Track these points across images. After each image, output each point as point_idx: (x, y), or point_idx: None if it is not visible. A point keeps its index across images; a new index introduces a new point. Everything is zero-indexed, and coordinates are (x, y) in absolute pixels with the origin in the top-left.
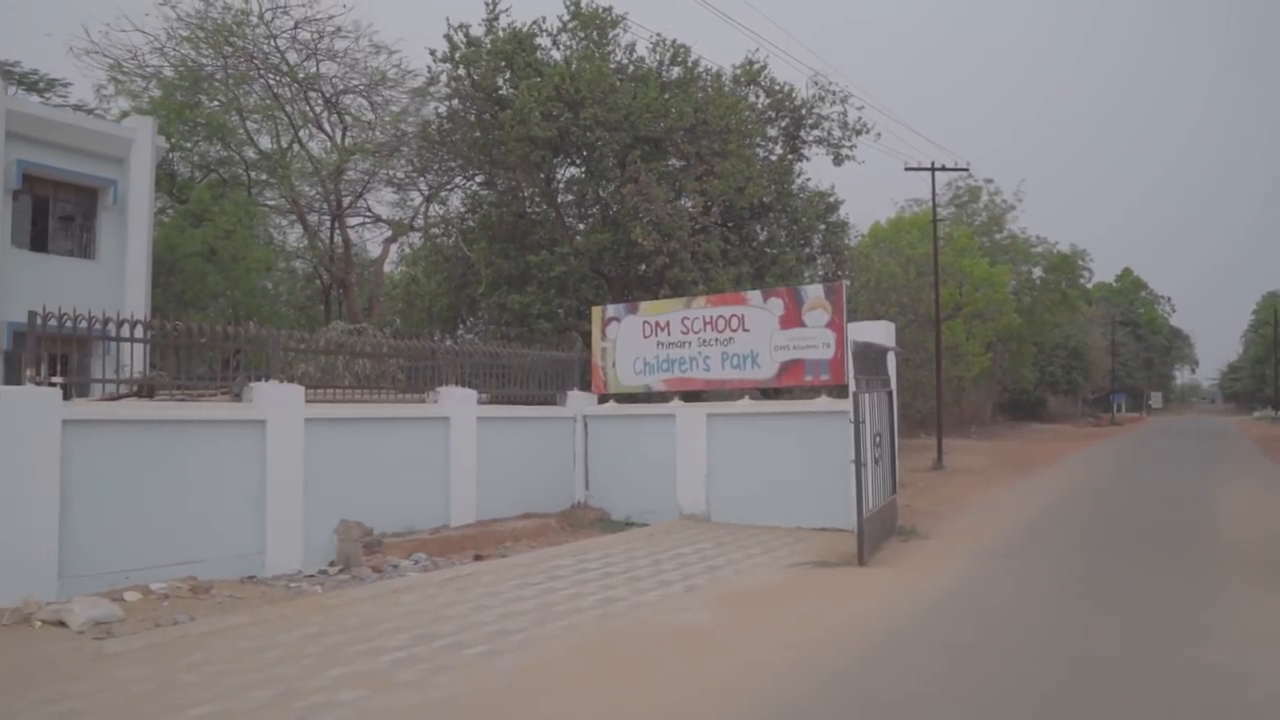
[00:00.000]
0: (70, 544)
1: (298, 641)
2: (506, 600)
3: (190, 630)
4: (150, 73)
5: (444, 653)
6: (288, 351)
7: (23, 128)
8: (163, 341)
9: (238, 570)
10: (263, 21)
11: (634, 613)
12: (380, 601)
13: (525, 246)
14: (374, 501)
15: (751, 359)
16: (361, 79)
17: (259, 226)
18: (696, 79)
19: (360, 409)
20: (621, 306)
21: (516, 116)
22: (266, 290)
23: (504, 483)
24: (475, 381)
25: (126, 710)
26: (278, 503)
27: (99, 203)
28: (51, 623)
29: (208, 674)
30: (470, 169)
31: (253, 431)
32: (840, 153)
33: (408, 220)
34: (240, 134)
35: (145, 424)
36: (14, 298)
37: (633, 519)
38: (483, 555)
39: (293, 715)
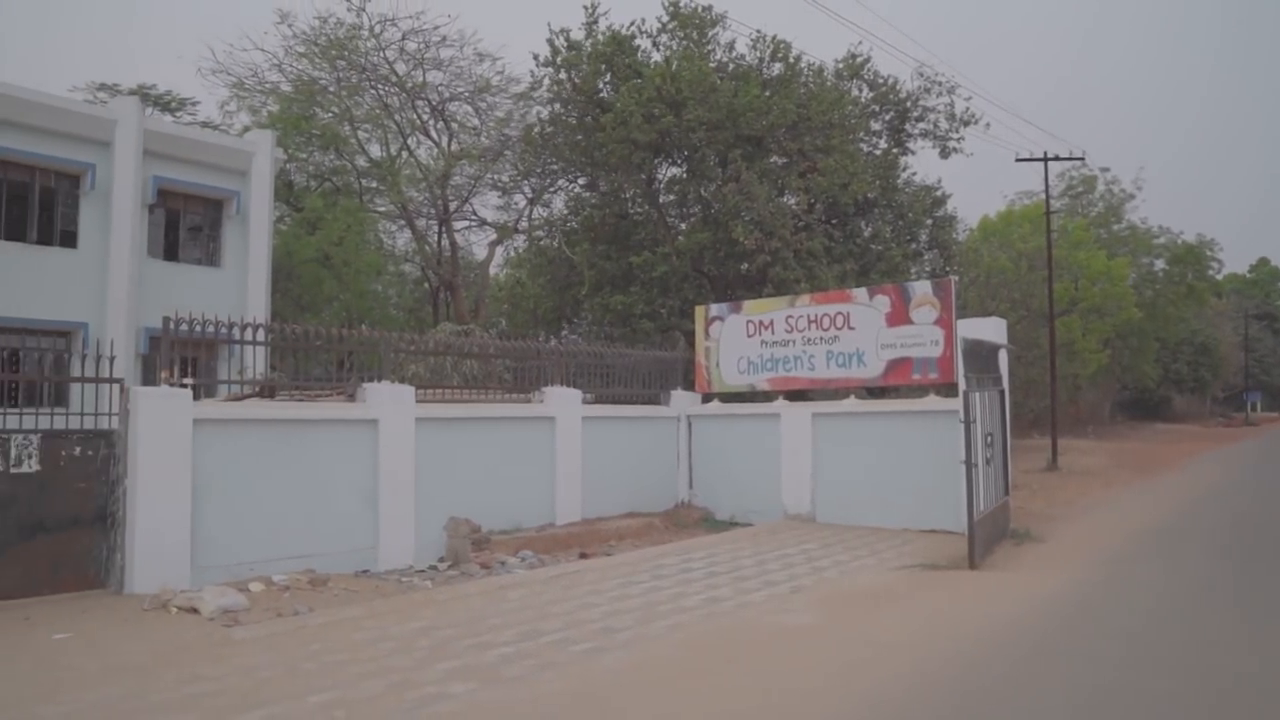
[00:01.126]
0: (200, 536)
1: (409, 634)
2: (611, 598)
3: (309, 621)
4: (269, 88)
5: (550, 649)
6: (398, 353)
7: (158, 146)
8: (282, 344)
9: (352, 564)
10: (372, 34)
11: (739, 613)
12: (488, 597)
13: (627, 247)
14: (482, 499)
15: (857, 357)
16: (466, 86)
17: (370, 232)
18: (798, 75)
19: (468, 409)
20: (725, 305)
21: (618, 119)
22: (377, 293)
23: (608, 482)
24: (580, 381)
25: (253, 694)
26: (390, 499)
27: (224, 213)
28: (185, 609)
29: (326, 663)
30: (572, 171)
31: (366, 431)
32: (947, 145)
33: (512, 223)
34: (352, 143)
35: (267, 423)
36: (149, 304)
37: (737, 519)
38: (588, 553)
39: (405, 706)
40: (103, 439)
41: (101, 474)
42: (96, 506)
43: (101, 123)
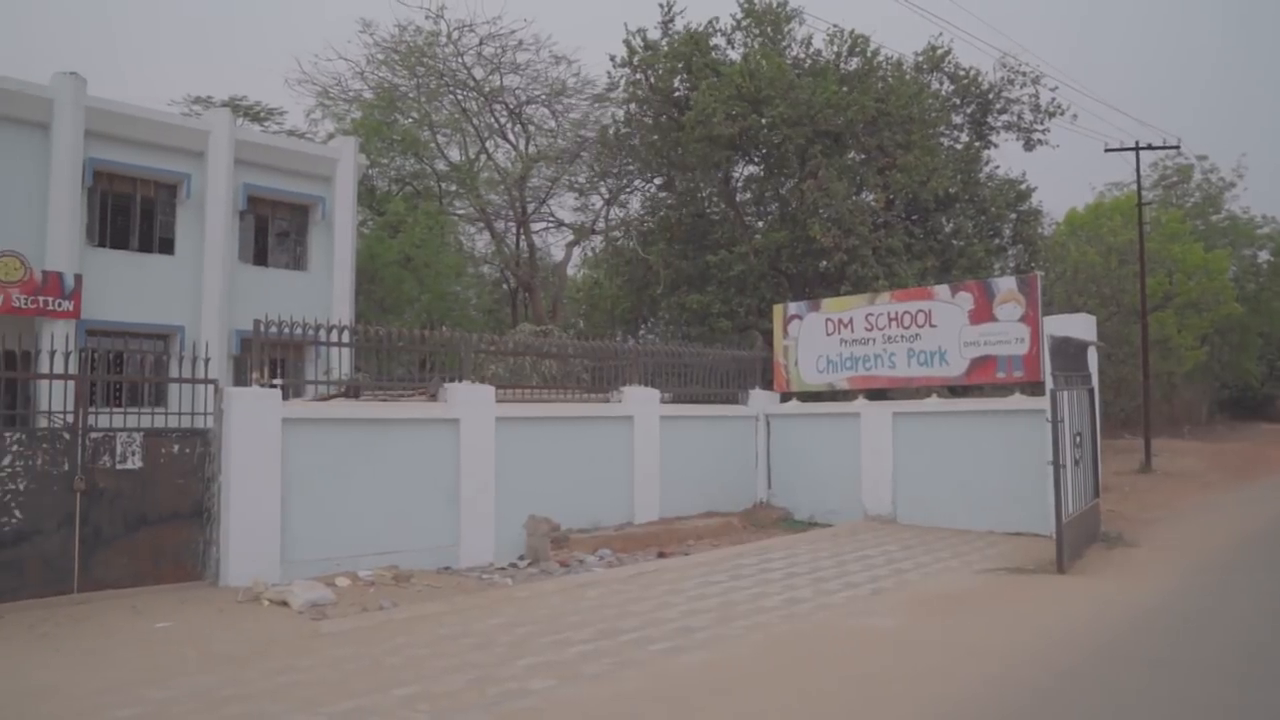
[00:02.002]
0: (289, 532)
1: (490, 630)
2: (690, 598)
3: (394, 616)
4: (352, 96)
5: (629, 647)
6: (479, 353)
7: (248, 155)
8: (366, 345)
9: (434, 561)
10: (451, 41)
11: (818, 614)
12: (567, 595)
13: (704, 246)
14: (560, 498)
15: (939, 356)
16: (543, 89)
17: (450, 235)
18: (876, 69)
19: (547, 408)
20: (803, 304)
21: (698, 117)
22: (457, 295)
23: (686, 481)
24: (657, 381)
25: (341, 686)
26: (471, 498)
27: (309, 218)
28: (276, 602)
29: (410, 657)
30: (649, 171)
31: (448, 430)
32: (1032, 137)
33: (589, 224)
34: (431, 147)
35: (352, 423)
36: (241, 308)
37: (816, 519)
38: (666, 552)
39: (486, 701)
40: (199, 437)
41: (198, 471)
42: (194, 502)
43: (196, 134)
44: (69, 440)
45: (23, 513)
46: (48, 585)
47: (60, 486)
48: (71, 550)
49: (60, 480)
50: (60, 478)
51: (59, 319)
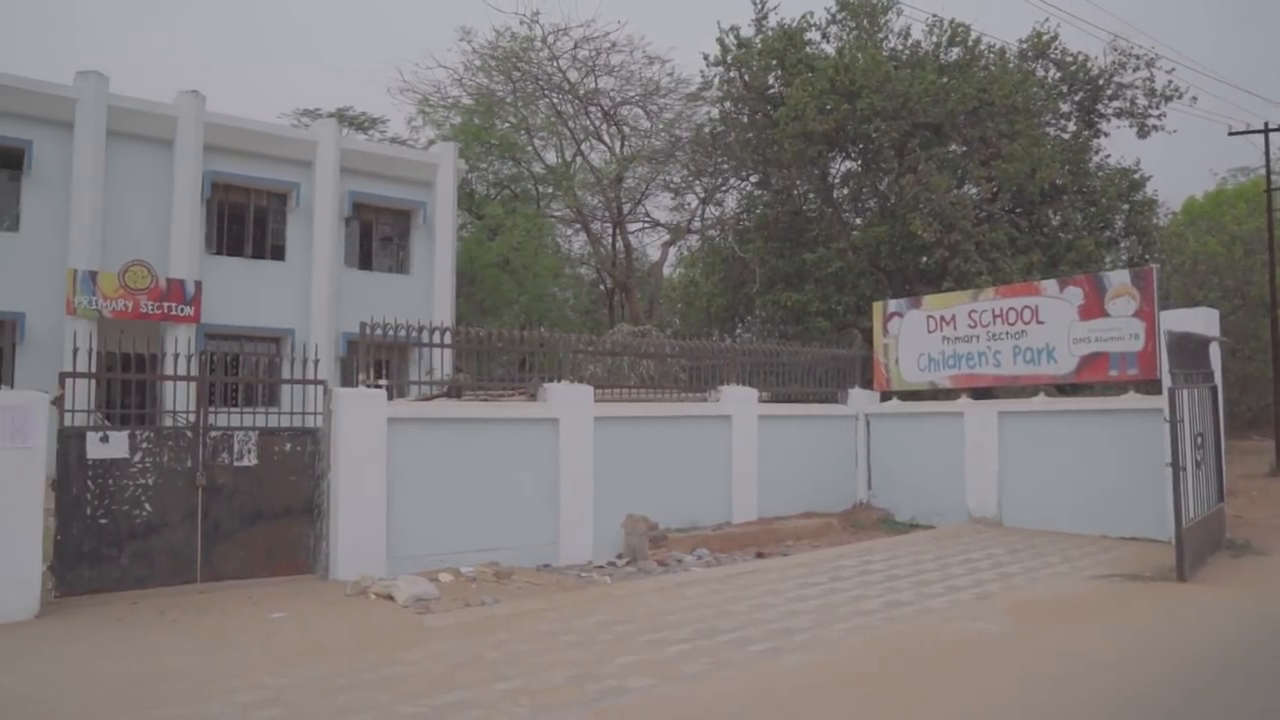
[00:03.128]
0: (394, 528)
1: (589, 628)
2: (789, 599)
3: (495, 611)
4: (451, 102)
5: (728, 648)
6: (577, 354)
7: (353, 163)
8: (466, 346)
9: (534, 559)
10: (546, 45)
11: (921, 618)
12: (665, 594)
13: (800, 244)
14: (658, 497)
15: (1047, 353)
16: (637, 90)
17: (547, 236)
18: (978, 58)
19: (645, 408)
20: (904, 301)
21: (791, 113)
22: (555, 296)
23: (784, 481)
24: (755, 380)
25: (445, 679)
26: (569, 496)
27: (411, 223)
28: (383, 596)
29: (511, 652)
30: (744, 169)
31: (547, 429)
32: (1146, 124)
33: (685, 223)
34: (528, 151)
35: (454, 422)
36: (347, 311)
37: (918, 521)
38: (764, 553)
39: (586, 697)
40: (309, 436)
41: (309, 468)
42: (305, 498)
43: (305, 145)
44: (191, 438)
45: (151, 506)
46: (174, 575)
47: (184, 482)
48: (194, 542)
49: (184, 476)
50: (184, 474)
51: (181, 323)
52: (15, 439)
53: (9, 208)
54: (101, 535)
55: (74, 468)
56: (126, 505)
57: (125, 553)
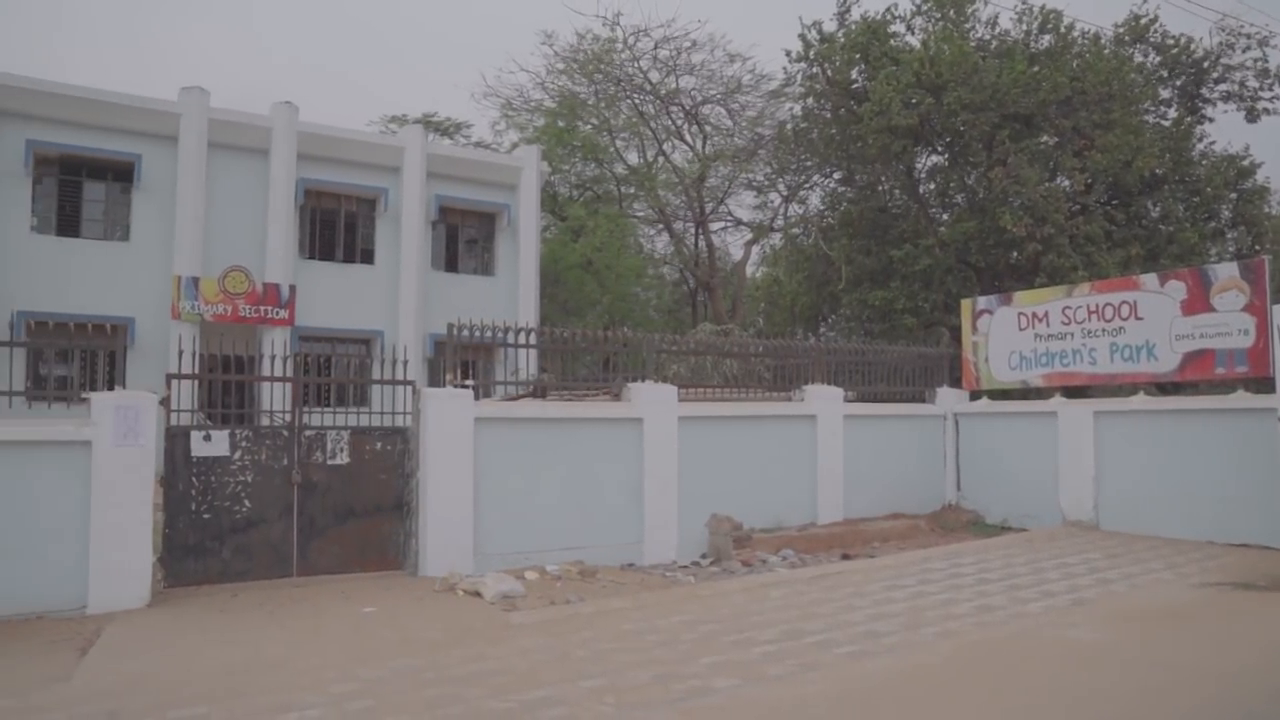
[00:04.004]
0: (481, 526)
1: (674, 627)
2: (876, 601)
3: (580, 610)
4: (534, 105)
5: (813, 650)
6: (660, 353)
7: (438, 168)
8: (551, 347)
9: (618, 558)
10: (627, 46)
11: (1013, 623)
12: (750, 595)
13: (886, 241)
14: (742, 497)
15: (1146, 350)
16: (718, 88)
17: (630, 237)
18: (1070, 46)
19: (729, 407)
20: (993, 298)
21: (875, 108)
22: (638, 296)
23: (871, 481)
24: (840, 379)
25: (531, 675)
26: (654, 496)
27: (496, 225)
28: (470, 593)
29: (596, 650)
30: (828, 166)
31: (631, 429)
32: (1256, 107)
33: (768, 222)
34: (610, 152)
35: (540, 422)
36: (433, 312)
37: (1009, 523)
38: (850, 554)
39: (671, 697)
40: (399, 435)
41: (399, 467)
42: (394, 496)
43: (393, 150)
44: (287, 437)
45: (251, 502)
46: (271, 569)
47: (280, 480)
48: (290, 538)
49: (280, 474)
50: (280, 471)
51: (276, 326)
52: (128, 437)
53: (120, 219)
54: (205, 530)
55: (180, 465)
56: (227, 501)
57: (227, 546)
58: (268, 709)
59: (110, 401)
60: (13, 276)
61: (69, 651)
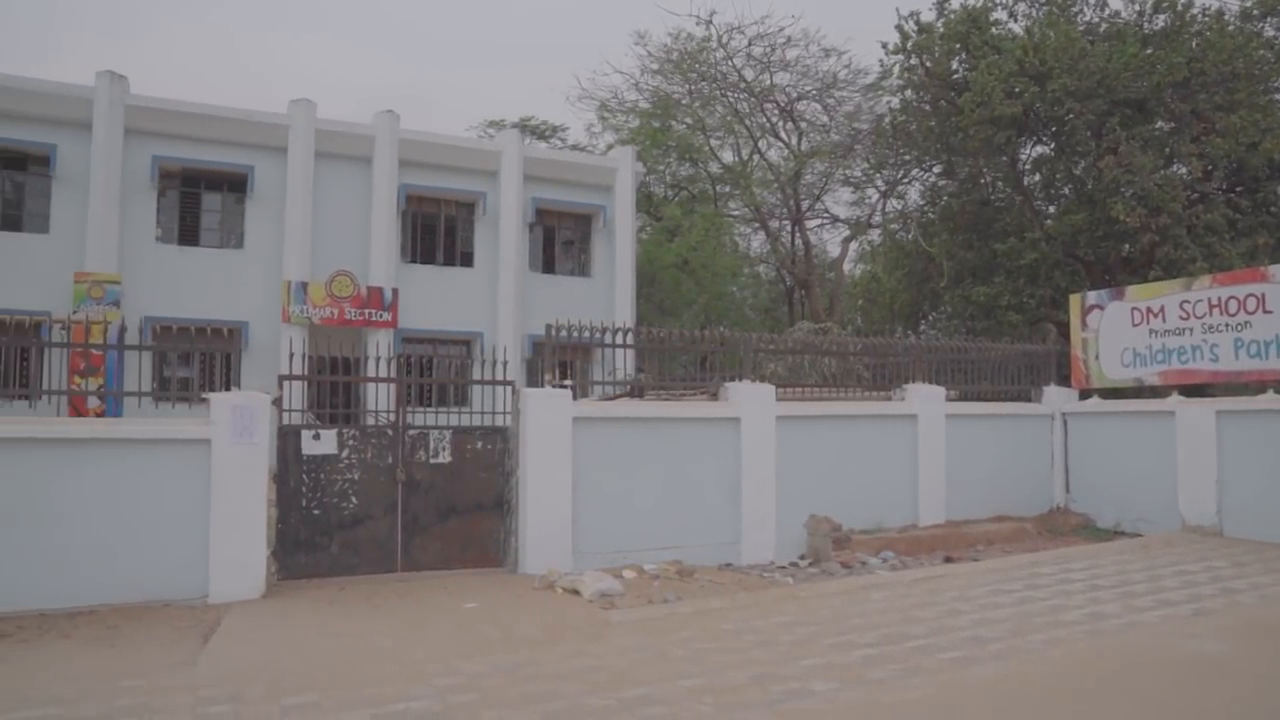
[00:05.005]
0: (579, 524)
1: (772, 629)
2: (980, 606)
3: (678, 609)
4: (628, 107)
5: (916, 654)
6: (758, 352)
7: (535, 170)
8: (648, 347)
9: (715, 557)
10: (721, 45)
11: (1128, 633)
12: (850, 597)
13: (989, 235)
14: (841, 497)
15: (1276, 345)
16: (814, 84)
17: (725, 236)
18: (1189, 24)
19: (827, 406)
20: (1104, 292)
21: (976, 99)
22: (734, 295)
23: (974, 483)
24: (941, 377)
25: (629, 674)
26: (752, 496)
27: (592, 227)
28: (568, 590)
29: (694, 650)
30: (927, 160)
31: (728, 428)
32: None
33: (865, 218)
34: (705, 151)
35: (637, 421)
36: (531, 313)
37: (1122, 527)
38: (953, 557)
39: (769, 699)
40: (499, 434)
41: (498, 466)
42: (495, 494)
43: (491, 155)
44: (392, 436)
45: (357, 499)
46: (377, 564)
47: (385, 478)
48: (395, 534)
49: (385, 472)
50: (385, 470)
51: (380, 328)
52: (244, 436)
53: (235, 228)
54: (315, 525)
55: (291, 463)
56: (335, 498)
57: (335, 542)
58: (376, 699)
59: (228, 401)
60: (141, 284)
61: (193, 638)
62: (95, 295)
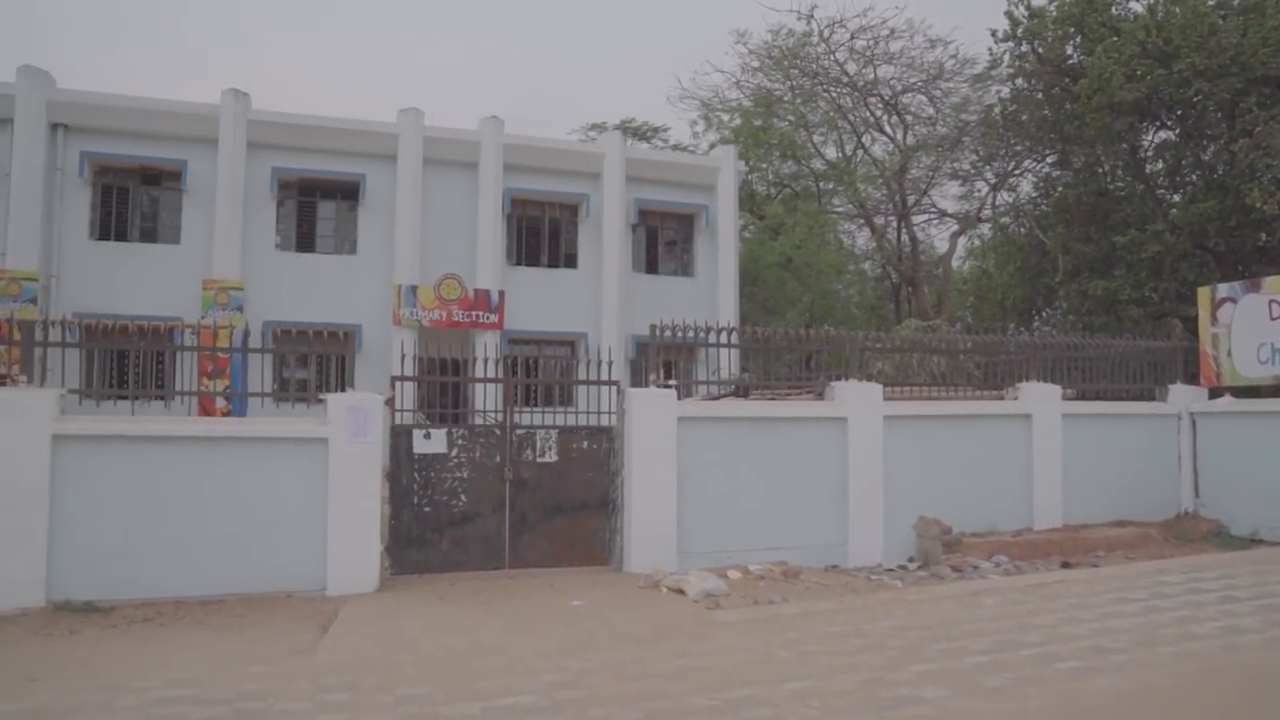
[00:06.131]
0: (684, 524)
1: (880, 632)
2: (1101, 615)
3: (783, 610)
4: (731, 105)
5: (1031, 663)
6: (864, 351)
7: (637, 171)
8: (751, 346)
9: (821, 559)
10: (822, 39)
11: (1268, 649)
12: (961, 601)
13: (1108, 227)
14: (951, 499)
15: None
16: (919, 76)
17: (829, 233)
18: None
19: (936, 406)
20: (1238, 284)
21: (1094, 83)
22: (838, 293)
23: (1093, 486)
24: (1057, 376)
25: (734, 674)
26: (858, 496)
27: (694, 227)
28: (674, 590)
29: (800, 652)
30: (1040, 150)
31: (835, 428)
32: None
33: (974, 212)
34: (808, 148)
35: (741, 421)
36: (635, 314)
37: (1261, 535)
38: (1070, 563)
39: (878, 704)
40: (604, 434)
41: (604, 465)
42: (600, 493)
43: (593, 157)
44: (499, 436)
45: (466, 497)
46: (485, 560)
47: (493, 476)
48: (503, 532)
49: (493, 471)
50: (493, 468)
51: (487, 330)
52: (359, 435)
53: (348, 234)
54: (426, 522)
55: (403, 461)
56: (445, 496)
57: (445, 538)
58: (485, 693)
59: (343, 402)
60: (261, 289)
61: (312, 629)
62: (221, 301)
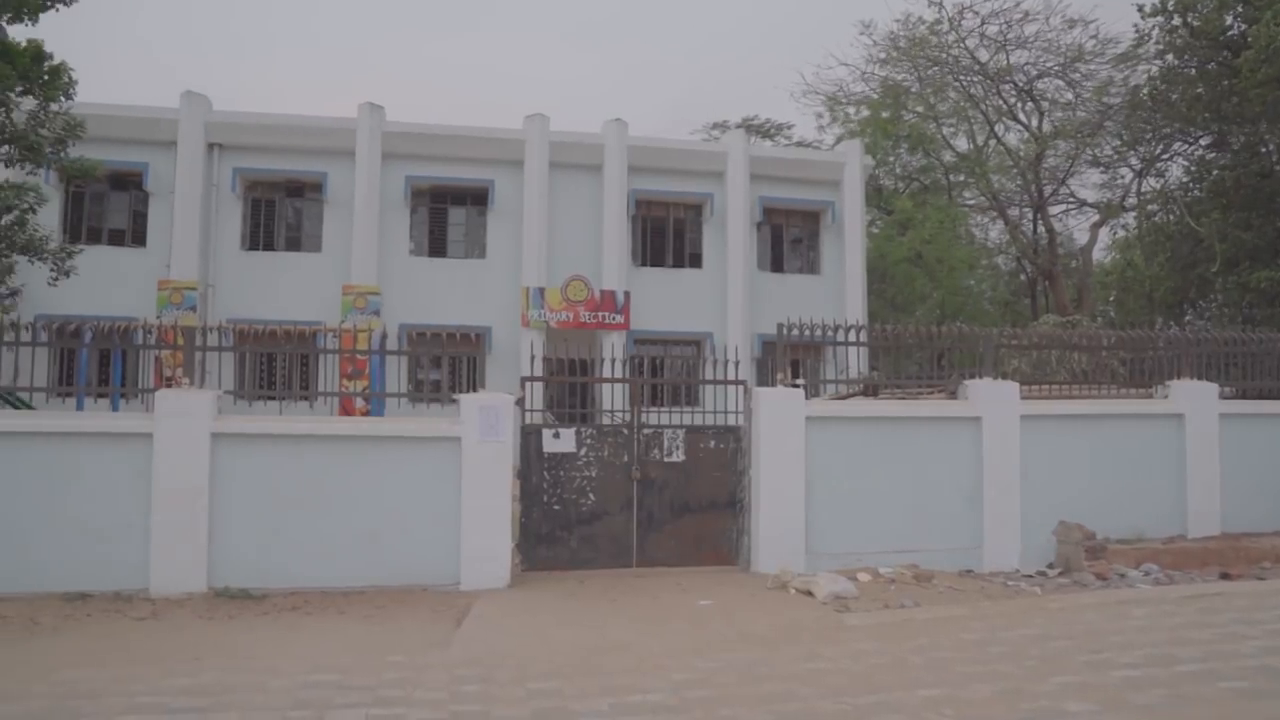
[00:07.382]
0: (812, 524)
1: (1019, 641)
2: (1269, 632)
3: (915, 615)
4: (857, 99)
5: (1188, 680)
6: (999, 348)
7: (761, 169)
8: (880, 344)
9: (954, 563)
10: (952, 27)
11: None
12: (1106, 611)
13: (1273, 211)
14: (1093, 503)
15: None
16: (1056, 59)
17: (960, 227)
18: None
19: (1077, 405)
20: None
21: (1260, 55)
22: (971, 289)
23: (1256, 491)
24: (1212, 373)
25: (864, 679)
26: (993, 499)
27: (820, 224)
28: (801, 591)
29: (933, 658)
30: (1192, 131)
31: (968, 428)
32: None
33: (1117, 201)
34: (937, 140)
35: (870, 420)
36: (760, 313)
37: None
38: (1231, 574)
39: (1017, 715)
40: (730, 434)
41: (731, 465)
42: (727, 493)
43: (716, 156)
44: (627, 435)
45: (594, 496)
46: (613, 559)
47: (621, 475)
48: (630, 530)
49: (621, 470)
50: (620, 468)
51: (613, 330)
52: (491, 433)
53: (478, 239)
54: (555, 520)
55: (533, 460)
56: (574, 494)
57: (574, 536)
58: (614, 689)
59: (475, 402)
60: (396, 294)
61: (447, 622)
62: (359, 305)
